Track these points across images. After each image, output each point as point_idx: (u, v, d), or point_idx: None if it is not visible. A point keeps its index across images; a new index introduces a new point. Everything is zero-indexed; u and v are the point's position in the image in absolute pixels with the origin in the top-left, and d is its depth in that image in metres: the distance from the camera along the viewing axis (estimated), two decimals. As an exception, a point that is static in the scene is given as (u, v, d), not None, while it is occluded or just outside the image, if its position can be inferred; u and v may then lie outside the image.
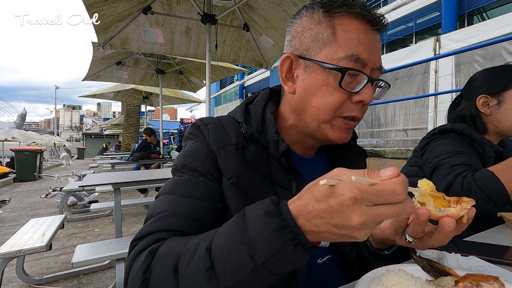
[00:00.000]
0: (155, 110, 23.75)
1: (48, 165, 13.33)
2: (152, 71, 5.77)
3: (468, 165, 0.97)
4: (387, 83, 0.61)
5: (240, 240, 0.39)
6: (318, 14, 0.57)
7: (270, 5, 3.01)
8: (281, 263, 0.38)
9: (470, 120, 1.14)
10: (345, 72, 0.53)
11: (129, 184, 2.62)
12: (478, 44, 3.33)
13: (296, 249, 0.38)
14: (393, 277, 0.45)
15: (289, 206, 0.39)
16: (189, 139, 0.66)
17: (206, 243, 0.42)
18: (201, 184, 0.57)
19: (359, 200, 0.32)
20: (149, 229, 0.51)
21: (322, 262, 0.66)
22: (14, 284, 2.35)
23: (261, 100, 0.68)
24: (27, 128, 72.38)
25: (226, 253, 0.40)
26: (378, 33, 0.58)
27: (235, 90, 17.82)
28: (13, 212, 4.88)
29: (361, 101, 0.56)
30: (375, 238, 0.60)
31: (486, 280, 0.43)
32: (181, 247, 0.45)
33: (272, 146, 0.60)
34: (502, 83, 1.07)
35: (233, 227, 0.42)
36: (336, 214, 0.34)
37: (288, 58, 0.60)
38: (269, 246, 0.38)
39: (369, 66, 0.55)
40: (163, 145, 6.20)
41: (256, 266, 0.38)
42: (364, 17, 0.55)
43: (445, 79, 5.55)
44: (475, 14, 6.91)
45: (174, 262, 0.43)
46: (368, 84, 0.55)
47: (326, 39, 0.55)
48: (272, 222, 0.38)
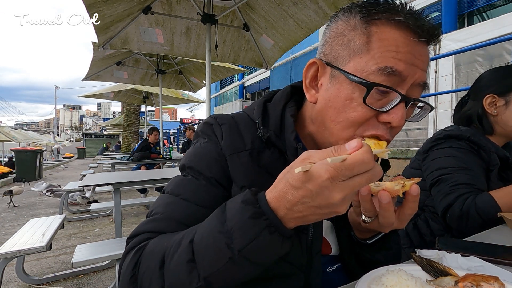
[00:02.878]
0: (155, 110, 23.74)
1: (48, 165, 13.32)
2: (152, 71, 5.77)
3: (471, 184, 0.95)
4: (429, 105, 0.52)
5: (218, 230, 0.40)
6: (354, 19, 0.51)
7: (270, 5, 3.01)
8: (258, 251, 0.39)
9: (477, 120, 1.11)
10: (371, 88, 0.46)
11: (129, 184, 2.62)
12: (478, 44, 3.32)
13: (273, 237, 0.38)
14: (393, 277, 0.45)
15: (266, 196, 0.40)
16: (201, 137, 0.62)
17: (190, 236, 0.43)
18: (203, 189, 0.55)
19: (335, 177, 0.34)
20: (143, 229, 0.52)
21: (331, 271, 0.65)
22: (14, 284, 2.34)
23: (281, 100, 0.62)
24: (27, 128, 72.16)
25: (205, 244, 0.41)
26: (427, 45, 0.50)
27: (235, 90, 17.81)
28: (13, 212, 4.87)
29: (388, 122, 0.49)
30: (353, 225, 0.60)
31: (486, 280, 0.43)
32: (168, 242, 0.46)
33: (290, 153, 0.56)
34: (510, 83, 1.04)
35: (214, 218, 0.42)
36: (317, 197, 0.35)
37: (314, 64, 0.55)
38: (244, 233, 0.38)
39: (408, 82, 0.48)
40: (163, 146, 6.20)
41: (233, 255, 0.38)
42: (409, 26, 0.47)
43: (445, 79, 5.54)
44: (475, 14, 6.91)
45: (161, 256, 0.44)
46: (401, 104, 0.48)
47: (358, 48, 0.49)
48: (248, 210, 0.39)
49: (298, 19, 3.00)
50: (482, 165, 1.04)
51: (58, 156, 20.92)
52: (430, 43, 0.50)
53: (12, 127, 28.89)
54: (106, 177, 2.88)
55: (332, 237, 0.66)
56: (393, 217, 0.47)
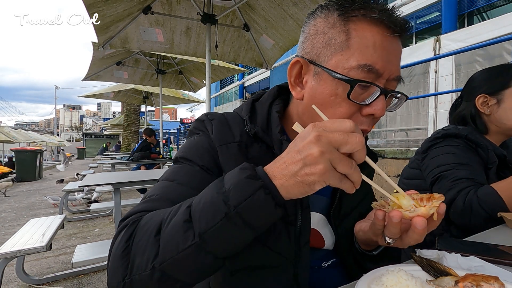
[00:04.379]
0: (155, 110, 23.75)
1: (48, 165, 13.32)
2: (152, 71, 5.76)
3: (471, 179, 0.96)
4: (404, 95, 0.57)
5: (217, 192, 0.42)
6: (333, 16, 0.53)
7: (270, 5, 3.01)
8: (253, 210, 0.40)
9: (471, 120, 1.13)
10: (355, 84, 0.50)
11: (129, 184, 2.61)
12: (478, 44, 3.33)
13: (268, 197, 0.39)
14: (393, 277, 0.45)
15: (264, 168, 0.43)
16: (194, 133, 0.65)
17: (188, 203, 0.44)
18: (197, 175, 0.57)
19: (316, 126, 0.39)
20: (137, 209, 0.52)
21: (327, 266, 0.65)
22: (14, 284, 2.34)
23: (268, 98, 0.66)
24: (27, 128, 72.18)
25: (203, 204, 0.42)
26: (399, 39, 0.53)
27: (235, 90, 17.81)
28: (13, 212, 4.88)
29: (371, 114, 0.53)
30: (361, 240, 0.60)
31: (486, 280, 0.43)
32: (165, 212, 0.46)
33: (276, 146, 0.59)
34: (500, 82, 1.07)
35: (212, 185, 0.44)
36: (302, 148, 0.38)
37: (298, 63, 0.57)
38: (241, 191, 0.40)
39: (385, 77, 0.51)
40: (163, 145, 6.20)
41: (229, 211, 0.39)
42: (384, 22, 0.50)
43: (445, 79, 5.54)
44: (475, 14, 6.91)
45: (157, 225, 0.44)
46: (381, 96, 0.52)
47: (339, 46, 0.51)
48: (245, 172, 0.41)
49: (298, 19, 3.00)
50: (480, 162, 1.05)
51: (58, 156, 20.92)
52: (402, 36, 0.54)
53: (12, 127, 28.91)
54: (106, 177, 2.88)
55: (325, 230, 0.66)
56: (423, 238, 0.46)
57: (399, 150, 3.26)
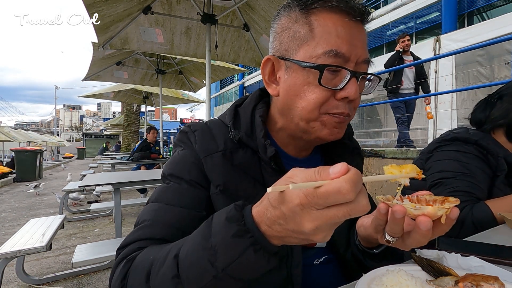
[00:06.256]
0: (155, 110, 23.75)
1: (48, 165, 13.33)
2: (152, 71, 5.77)
3: (470, 193, 0.93)
4: (377, 76, 0.58)
5: (203, 247, 0.39)
6: (294, 12, 0.56)
7: (270, 5, 3.01)
8: (243, 269, 0.38)
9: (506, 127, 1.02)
10: (323, 70, 0.51)
11: (129, 184, 2.62)
12: (478, 44, 3.33)
13: (258, 255, 0.37)
14: (393, 277, 0.45)
15: (252, 211, 0.38)
16: (178, 146, 0.65)
17: (175, 250, 0.43)
18: (186, 192, 0.57)
19: (306, 205, 0.31)
20: (132, 238, 0.53)
21: (319, 263, 0.65)
22: (14, 284, 2.35)
23: (250, 102, 0.66)
24: (27, 128, 72.23)
25: (189, 260, 0.40)
26: (361, 24, 0.55)
27: (235, 90, 17.82)
28: (13, 212, 4.88)
29: (345, 97, 0.53)
30: (362, 236, 0.58)
31: (486, 280, 0.43)
32: (155, 255, 0.46)
33: (261, 150, 0.60)
34: None
35: (199, 233, 0.42)
36: (289, 220, 0.33)
37: (269, 61, 0.59)
38: (228, 252, 0.37)
39: (353, 60, 0.53)
40: (163, 145, 6.20)
41: (217, 273, 0.38)
42: (342, 9, 0.52)
43: (445, 79, 5.55)
44: (475, 14, 6.91)
45: (147, 270, 0.44)
46: (353, 79, 0.53)
47: (304, 37, 0.54)
48: (232, 228, 0.38)
49: (298, 19, 3.01)
50: (487, 171, 1.00)
51: (58, 156, 20.94)
52: (363, 21, 0.55)
53: (12, 127, 28.91)
54: (106, 177, 2.88)
55: None
56: (427, 241, 0.43)
57: (399, 150, 3.27)
